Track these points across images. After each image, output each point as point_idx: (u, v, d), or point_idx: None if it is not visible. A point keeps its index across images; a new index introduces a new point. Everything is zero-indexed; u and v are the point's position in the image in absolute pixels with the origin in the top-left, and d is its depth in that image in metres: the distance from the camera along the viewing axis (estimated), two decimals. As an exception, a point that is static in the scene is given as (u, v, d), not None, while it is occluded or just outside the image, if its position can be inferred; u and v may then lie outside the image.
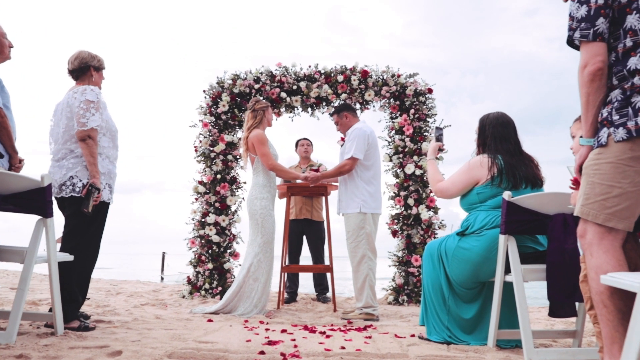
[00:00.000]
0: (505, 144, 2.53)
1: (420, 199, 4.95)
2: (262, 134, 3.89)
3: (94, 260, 2.89)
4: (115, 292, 5.67)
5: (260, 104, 4.00)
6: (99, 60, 2.94)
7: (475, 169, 2.49)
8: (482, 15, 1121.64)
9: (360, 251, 3.73)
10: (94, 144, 2.72)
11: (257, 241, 3.84)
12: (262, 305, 3.77)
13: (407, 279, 4.86)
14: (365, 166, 3.82)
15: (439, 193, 2.66)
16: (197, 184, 5.20)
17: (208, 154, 5.22)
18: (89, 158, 2.71)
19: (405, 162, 5.03)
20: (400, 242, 5.00)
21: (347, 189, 3.85)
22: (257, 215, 3.83)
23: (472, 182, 2.50)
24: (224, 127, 5.30)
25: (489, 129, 2.58)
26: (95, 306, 4.06)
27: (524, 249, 2.36)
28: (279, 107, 5.33)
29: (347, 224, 3.81)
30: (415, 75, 5.21)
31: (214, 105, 5.31)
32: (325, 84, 5.20)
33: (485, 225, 2.40)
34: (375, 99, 5.22)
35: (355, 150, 3.74)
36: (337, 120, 4.11)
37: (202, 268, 5.06)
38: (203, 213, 5.13)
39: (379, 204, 3.87)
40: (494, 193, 2.43)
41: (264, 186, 3.91)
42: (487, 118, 2.63)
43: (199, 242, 5.13)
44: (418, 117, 5.10)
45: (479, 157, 2.53)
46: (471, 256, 2.42)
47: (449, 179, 2.61)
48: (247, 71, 5.31)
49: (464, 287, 2.55)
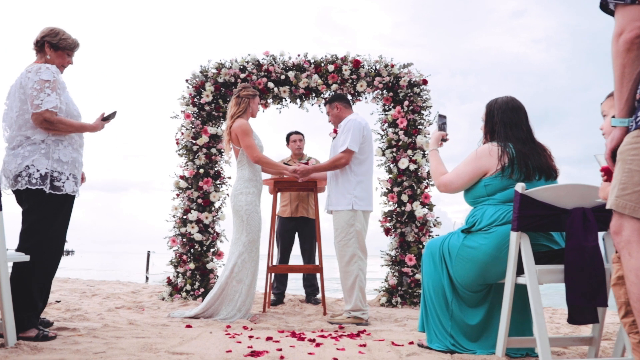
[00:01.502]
0: (516, 130, 2.28)
1: (414, 195, 4.70)
2: (246, 123, 3.61)
3: (56, 260, 2.58)
4: (91, 293, 5.34)
5: (247, 90, 3.71)
6: (62, 39, 2.61)
7: (483, 159, 2.24)
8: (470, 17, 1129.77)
9: (350, 250, 3.46)
10: (59, 121, 2.43)
11: (241, 240, 3.55)
12: (246, 309, 3.48)
13: (401, 280, 4.61)
14: (358, 160, 3.55)
15: (442, 187, 2.40)
16: (179, 179, 4.90)
17: (190, 147, 4.91)
18: (70, 129, 2.45)
19: (398, 157, 4.78)
20: (393, 240, 4.75)
21: (338, 184, 3.58)
22: (242, 211, 3.55)
23: (479, 173, 2.25)
24: (208, 119, 5.00)
25: (497, 114, 2.33)
26: (65, 310, 3.74)
27: (538, 248, 2.11)
28: (266, 97, 5.05)
29: (336, 221, 3.55)
30: (409, 66, 4.96)
31: (197, 96, 5.01)
32: (315, 73, 4.93)
33: (495, 221, 2.14)
34: (367, 90, 4.96)
35: (351, 142, 3.47)
36: (329, 111, 3.84)
37: (183, 268, 4.75)
38: (185, 210, 4.83)
39: (371, 201, 3.61)
40: (504, 185, 2.18)
41: (249, 180, 3.63)
42: (495, 103, 2.38)
43: (180, 240, 4.83)
44: (412, 109, 4.85)
45: (487, 145, 2.27)
46: (478, 256, 2.17)
47: (454, 170, 2.35)
48: (233, 60, 5.02)
49: (469, 290, 2.30)
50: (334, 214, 3.58)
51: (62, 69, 2.64)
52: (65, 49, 2.62)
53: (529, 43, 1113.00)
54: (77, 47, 2.69)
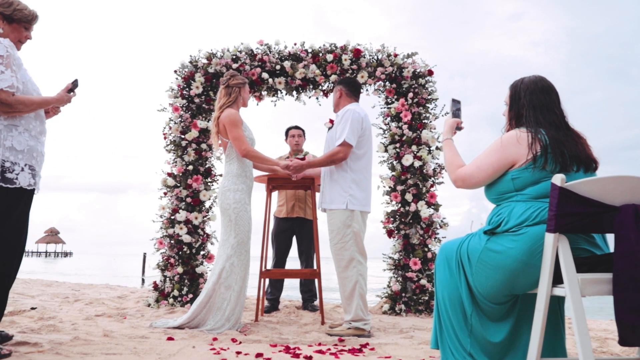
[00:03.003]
0: (548, 114, 1.94)
1: (419, 194, 4.36)
2: (235, 114, 3.27)
3: (11, 265, 2.23)
4: (74, 298, 4.99)
5: (236, 79, 3.38)
6: (17, 10, 2.26)
7: (510, 147, 1.90)
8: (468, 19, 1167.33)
9: (348, 253, 3.13)
10: (18, 101, 2.10)
11: (229, 241, 3.21)
12: (235, 318, 3.14)
13: (405, 285, 4.27)
14: (356, 155, 3.21)
15: (459, 181, 2.06)
16: (166, 177, 4.56)
17: (179, 142, 4.57)
18: (32, 107, 2.12)
19: (402, 153, 4.44)
20: (396, 243, 4.41)
21: (333, 180, 3.24)
22: (230, 210, 3.21)
23: (505, 165, 1.91)
24: (197, 112, 4.66)
25: (525, 96, 2.00)
26: (37, 319, 3.40)
27: (578, 252, 1.78)
28: (260, 89, 4.71)
29: (331, 222, 3.21)
30: (414, 55, 4.63)
31: (186, 87, 4.67)
32: (313, 63, 4.60)
33: (526, 221, 1.80)
34: (369, 82, 4.63)
35: (348, 134, 3.13)
36: (333, 94, 3.51)
37: (170, 272, 4.41)
38: (172, 209, 4.48)
39: (368, 201, 3.27)
40: (537, 178, 1.84)
41: (238, 176, 3.29)
42: (521, 83, 2.05)
43: (168, 242, 4.48)
44: (417, 102, 4.51)
45: (514, 131, 1.93)
46: (505, 262, 1.83)
47: (473, 162, 2.01)
48: (224, 49, 4.68)
49: (492, 302, 1.96)
50: (329, 213, 3.24)
51: (18, 45, 2.30)
52: (21, 21, 2.28)
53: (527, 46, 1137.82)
54: (36, 20, 2.34)
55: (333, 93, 3.53)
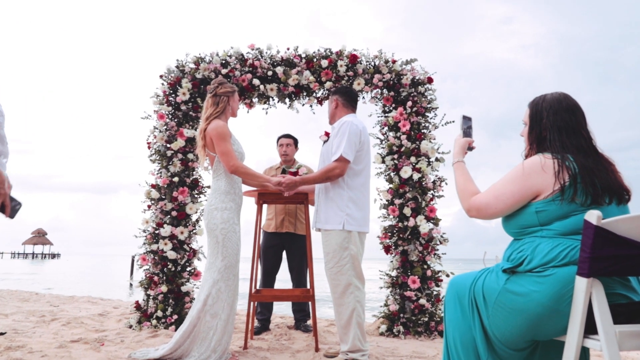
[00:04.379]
0: (575, 137, 1.72)
1: (418, 208, 4.14)
2: (223, 126, 3.02)
3: None
4: (51, 317, 4.70)
5: (224, 87, 3.13)
6: None
7: (534, 175, 1.67)
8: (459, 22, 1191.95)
9: (345, 278, 2.89)
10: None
11: (216, 265, 2.96)
12: (222, 348, 2.88)
13: (403, 305, 4.04)
14: (353, 171, 2.98)
15: (473, 211, 1.82)
16: (150, 188, 4.29)
17: (164, 152, 4.31)
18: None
19: (400, 164, 4.22)
20: (394, 259, 4.18)
21: (329, 198, 3.01)
22: (217, 230, 2.96)
23: (528, 195, 1.68)
24: (184, 120, 4.40)
25: (548, 116, 1.77)
26: (5, 348, 3.11)
27: (613, 298, 1.56)
28: (250, 96, 4.46)
29: (326, 244, 2.97)
30: (413, 62, 4.40)
31: (172, 94, 4.41)
32: (307, 69, 4.36)
33: (553, 261, 1.58)
34: (365, 89, 4.40)
35: (346, 148, 2.89)
36: (329, 105, 3.28)
37: (154, 291, 4.14)
38: (157, 223, 4.22)
39: (366, 221, 3.04)
40: (565, 212, 1.62)
41: (226, 193, 3.04)
42: (543, 101, 1.82)
43: (152, 258, 4.22)
44: (416, 110, 4.29)
45: (537, 157, 1.70)
46: (528, 306, 1.60)
47: (491, 190, 1.77)
48: (213, 53, 4.42)
49: (510, 348, 1.73)
50: (324, 234, 3.01)
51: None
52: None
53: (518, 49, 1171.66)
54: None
55: (328, 103, 3.30)
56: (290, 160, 4.56)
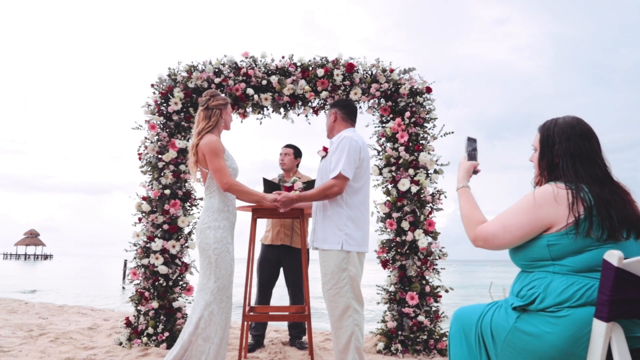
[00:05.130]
0: (590, 165, 1.62)
1: (416, 222, 4.04)
2: (216, 141, 2.90)
3: None
4: (39, 331, 4.56)
5: (217, 100, 3.01)
6: None
7: (546, 207, 1.57)
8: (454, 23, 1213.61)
9: (343, 301, 2.78)
10: None
11: (208, 286, 2.84)
12: (215, 374, 2.77)
13: (401, 322, 3.93)
14: (352, 189, 2.87)
15: (480, 241, 1.72)
16: (141, 201, 4.16)
17: (155, 164, 4.18)
18: None
19: (398, 177, 4.12)
20: (392, 274, 4.08)
21: (326, 216, 2.89)
22: (210, 250, 2.84)
23: (539, 227, 1.58)
24: (176, 130, 4.28)
25: (561, 142, 1.67)
26: (-13, 372, 2.98)
27: (633, 342, 1.46)
28: (244, 106, 4.34)
29: (324, 264, 2.86)
30: (411, 71, 4.30)
31: (164, 103, 4.28)
32: (302, 79, 4.25)
33: (567, 301, 1.48)
34: (362, 99, 4.29)
35: (345, 165, 2.78)
36: (327, 118, 3.18)
37: (145, 307, 4.01)
38: (148, 237, 4.09)
39: (366, 240, 2.93)
40: (579, 247, 1.52)
41: (219, 211, 2.92)
42: (554, 126, 1.72)
43: (143, 273, 4.09)
44: (415, 121, 4.19)
45: (549, 187, 1.60)
46: (541, 348, 1.50)
47: (499, 219, 1.67)
48: (206, 62, 4.31)
49: (519, 390, 1.63)
50: (321, 254, 2.89)
51: None
52: None
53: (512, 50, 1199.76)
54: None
55: (327, 116, 3.20)
56: (288, 169, 4.47)
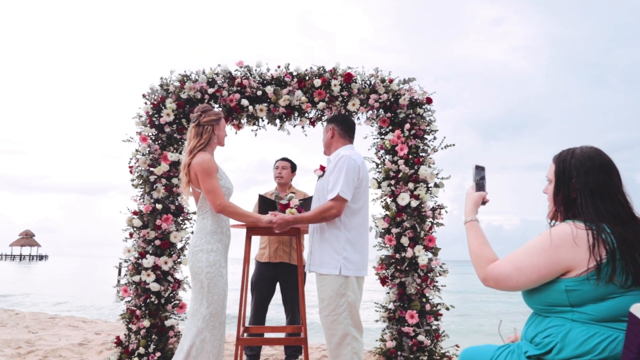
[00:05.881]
0: (611, 202, 1.51)
1: (416, 238, 3.92)
2: (209, 160, 2.78)
3: None
4: (27, 348, 4.43)
5: (208, 115, 2.89)
6: None
7: (564, 248, 1.45)
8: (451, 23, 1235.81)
9: (341, 328, 2.67)
10: None
11: (200, 312, 2.72)
12: (206, 405, 2.64)
13: (401, 342, 3.81)
14: (351, 210, 2.76)
15: (490, 281, 1.60)
16: (132, 215, 4.02)
17: (147, 177, 4.04)
18: None
19: (397, 191, 3.99)
20: (391, 292, 3.96)
21: (324, 239, 2.78)
22: (202, 274, 2.72)
23: (557, 270, 1.46)
24: (168, 143, 4.14)
25: (579, 176, 1.55)
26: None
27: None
28: (239, 117, 4.21)
29: (321, 289, 2.74)
30: (411, 81, 4.18)
31: (156, 114, 4.15)
32: (298, 89, 4.12)
33: (588, 354, 1.37)
34: (361, 110, 4.17)
35: (343, 186, 2.67)
36: (323, 134, 3.07)
37: (136, 326, 3.88)
38: (139, 253, 3.95)
39: (365, 264, 2.83)
40: (601, 294, 1.40)
41: (212, 233, 2.80)
42: (570, 157, 1.60)
43: (134, 290, 3.95)
44: (415, 133, 4.07)
45: (567, 226, 1.48)
46: (558, 405, 1.39)
47: (512, 259, 1.55)
48: (199, 71, 4.17)
49: None
50: (318, 278, 2.78)
51: None
52: None
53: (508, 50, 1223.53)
54: None
55: (324, 132, 3.08)
56: (285, 183, 4.36)
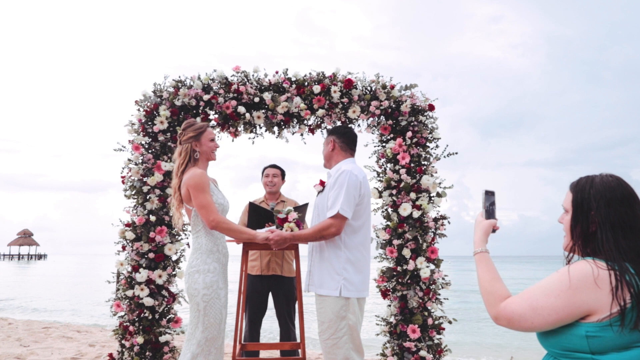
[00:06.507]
0: (635, 239, 1.38)
1: (418, 249, 3.79)
2: (200, 175, 2.64)
3: None
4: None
5: (187, 133, 2.74)
6: None
7: (584, 290, 1.32)
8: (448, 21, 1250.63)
9: (342, 352, 2.55)
10: None
11: (195, 336, 2.59)
12: None
13: (402, 357, 3.69)
14: (352, 228, 2.63)
15: (503, 320, 1.47)
16: (125, 228, 3.89)
17: (139, 188, 3.91)
18: None
19: (399, 201, 3.87)
20: (392, 305, 3.83)
21: (323, 258, 2.65)
22: (199, 297, 2.59)
23: (576, 314, 1.34)
24: (162, 152, 4.00)
25: (599, 208, 1.42)
26: None
27: None
28: (235, 125, 4.07)
29: (321, 311, 2.62)
30: (413, 87, 4.05)
31: (149, 122, 4.01)
32: (297, 95, 3.98)
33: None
34: (361, 117, 4.03)
35: (343, 204, 2.54)
36: (323, 146, 2.94)
37: (129, 342, 3.75)
38: (132, 267, 3.82)
39: (367, 284, 2.71)
40: (625, 342, 1.28)
41: (208, 252, 2.67)
42: (589, 187, 1.47)
43: (127, 305, 3.82)
44: (417, 141, 3.94)
45: (588, 266, 1.36)
46: None
47: (527, 298, 1.42)
48: (194, 77, 4.03)
49: None
50: (318, 300, 2.65)
51: None
52: None
53: (506, 48, 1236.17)
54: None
55: (324, 144, 2.95)
56: (275, 192, 4.23)
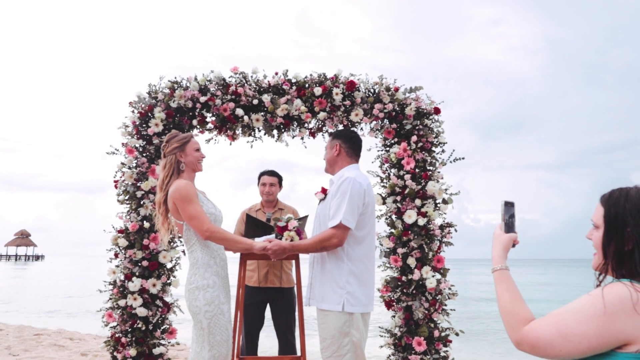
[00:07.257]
0: None
1: (424, 258, 3.64)
2: (186, 185, 2.48)
3: None
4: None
5: (171, 144, 2.59)
6: None
7: (622, 317, 1.16)
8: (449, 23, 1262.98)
9: None
10: None
11: (202, 355, 2.43)
12: None
13: (408, 371, 3.53)
14: (355, 239, 2.48)
15: (527, 346, 1.31)
16: (117, 234, 3.73)
17: (133, 193, 3.75)
18: None
19: (404, 208, 3.71)
20: (397, 316, 3.68)
21: (325, 270, 2.50)
22: (201, 314, 2.43)
23: (612, 343, 1.18)
24: (156, 155, 3.84)
25: (637, 224, 1.26)
26: None
27: None
28: (233, 128, 3.92)
29: (323, 327, 2.47)
30: (418, 90, 3.90)
31: (144, 124, 3.85)
32: (298, 97, 3.83)
33: None
34: (364, 120, 3.88)
35: (346, 213, 2.39)
36: (326, 150, 2.79)
37: (121, 354, 3.59)
38: (125, 276, 3.66)
39: (371, 298, 2.55)
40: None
41: (206, 266, 2.50)
42: (625, 200, 1.31)
43: (119, 316, 3.66)
44: (422, 146, 3.79)
45: (624, 289, 1.20)
46: None
47: (554, 322, 1.26)
48: (191, 78, 3.88)
49: None
50: (319, 314, 2.50)
51: None
52: None
53: (506, 50, 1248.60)
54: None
55: (328, 148, 2.80)
56: (273, 200, 4.07)
